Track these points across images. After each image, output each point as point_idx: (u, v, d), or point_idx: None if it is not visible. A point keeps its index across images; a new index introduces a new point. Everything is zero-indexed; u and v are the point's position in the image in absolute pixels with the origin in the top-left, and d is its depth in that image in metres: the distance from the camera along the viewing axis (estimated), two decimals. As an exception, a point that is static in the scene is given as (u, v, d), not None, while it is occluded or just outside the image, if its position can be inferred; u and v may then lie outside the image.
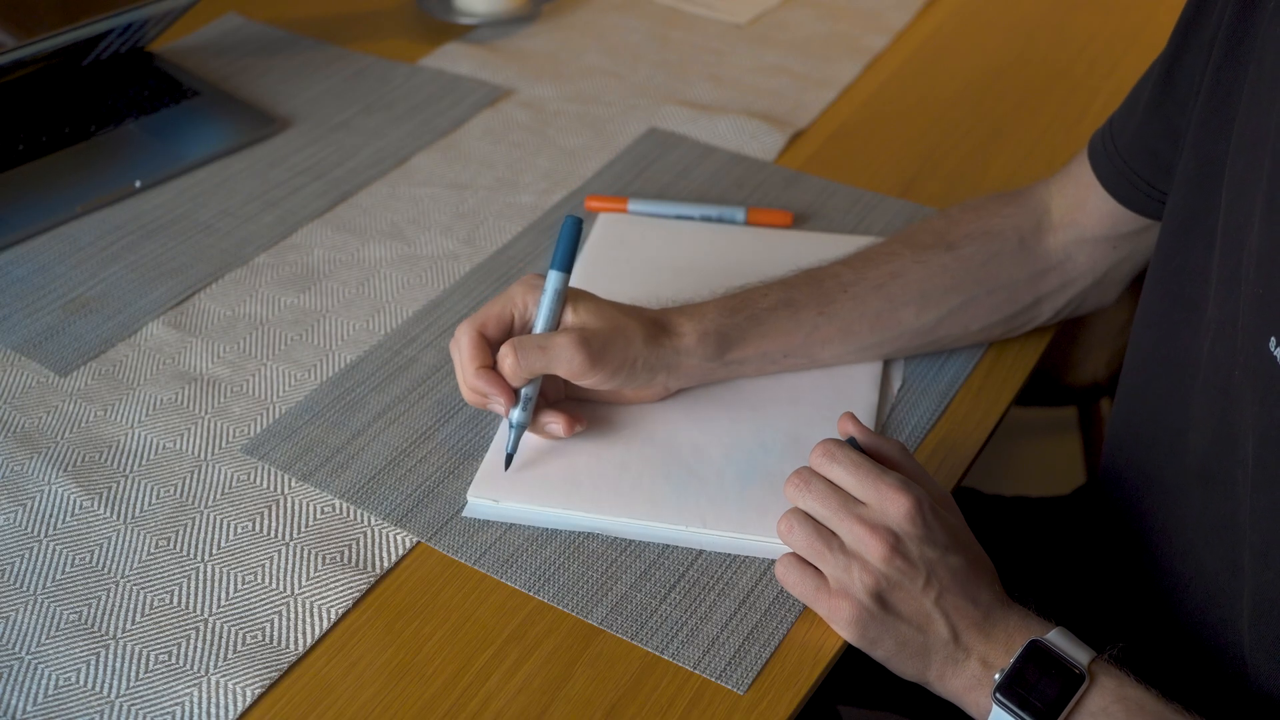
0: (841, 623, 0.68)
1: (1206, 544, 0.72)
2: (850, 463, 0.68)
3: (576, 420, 0.80)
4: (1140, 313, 0.79)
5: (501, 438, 0.81)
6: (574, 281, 0.95)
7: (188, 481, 0.80)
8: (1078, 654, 0.64)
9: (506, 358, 0.75)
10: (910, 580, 0.66)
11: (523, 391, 0.77)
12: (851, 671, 0.82)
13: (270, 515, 0.78)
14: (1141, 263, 0.87)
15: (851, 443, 0.71)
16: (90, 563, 0.75)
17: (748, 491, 0.77)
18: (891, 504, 0.66)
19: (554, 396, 0.82)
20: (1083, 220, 0.85)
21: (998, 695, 0.64)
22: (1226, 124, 0.70)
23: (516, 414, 0.77)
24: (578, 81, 1.23)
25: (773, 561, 0.74)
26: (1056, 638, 0.65)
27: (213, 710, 0.67)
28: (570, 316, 0.77)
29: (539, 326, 0.77)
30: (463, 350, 0.77)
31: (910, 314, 0.84)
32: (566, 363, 0.75)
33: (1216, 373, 0.69)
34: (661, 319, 0.80)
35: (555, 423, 0.79)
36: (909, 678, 0.68)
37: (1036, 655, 0.64)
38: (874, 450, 0.71)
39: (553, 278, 0.77)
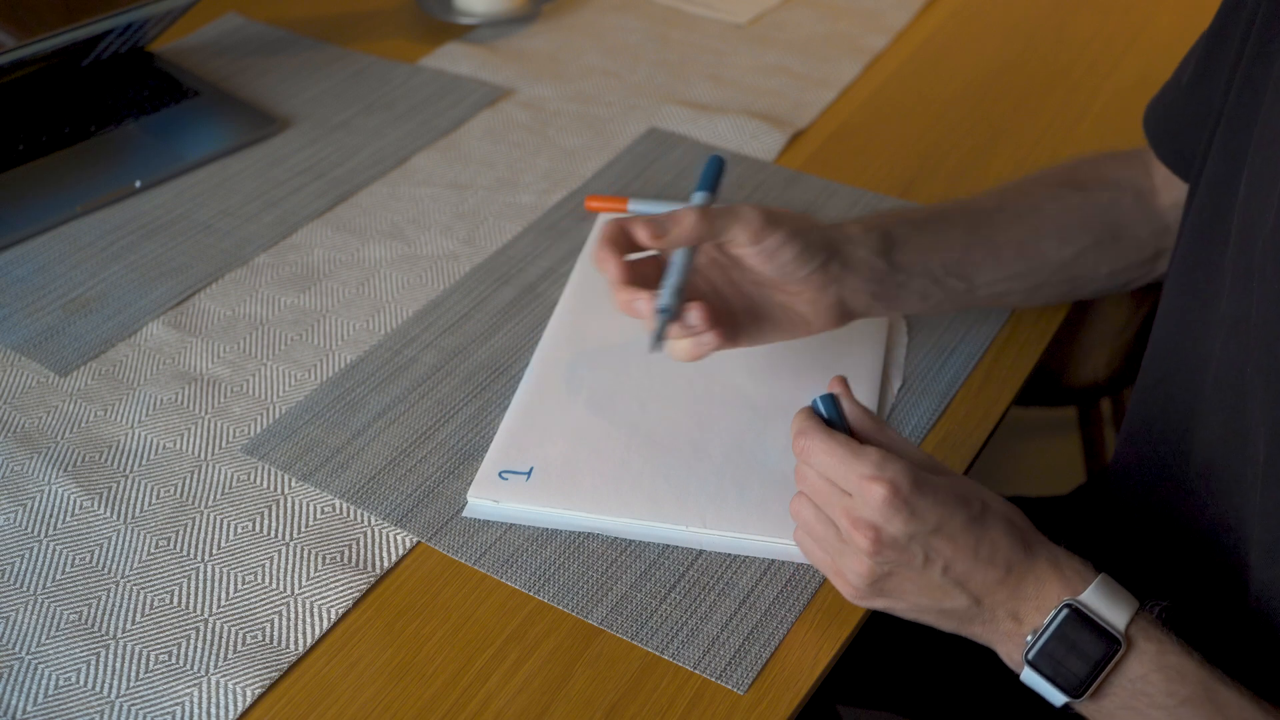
0: (850, 600, 0.68)
1: (1213, 542, 0.72)
2: (823, 452, 0.66)
3: (719, 323, 0.74)
4: (1160, 307, 0.79)
5: (501, 440, 0.81)
6: (571, 282, 0.96)
7: (188, 481, 0.80)
8: (1116, 615, 0.62)
9: (688, 215, 0.72)
10: (906, 565, 0.65)
11: (671, 278, 0.74)
12: (851, 671, 0.82)
13: (270, 515, 0.78)
14: None
15: (828, 402, 0.68)
16: (90, 563, 0.75)
17: (748, 491, 0.78)
18: (868, 494, 0.64)
19: (724, 334, 0.77)
20: (1177, 189, 0.85)
21: (1029, 660, 0.63)
22: (1250, 120, 0.70)
23: (665, 296, 0.73)
24: (578, 81, 1.23)
25: (773, 561, 0.74)
26: (1094, 596, 0.63)
27: (213, 710, 0.67)
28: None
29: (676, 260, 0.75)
30: (602, 234, 0.74)
31: (1051, 246, 0.84)
32: (746, 217, 0.73)
33: (1228, 369, 0.69)
34: (829, 223, 0.80)
35: (696, 311, 0.73)
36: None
37: (1070, 620, 0.62)
38: (853, 421, 0.69)
39: (697, 197, 0.77)
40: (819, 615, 0.72)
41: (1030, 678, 0.64)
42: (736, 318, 0.78)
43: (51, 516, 0.78)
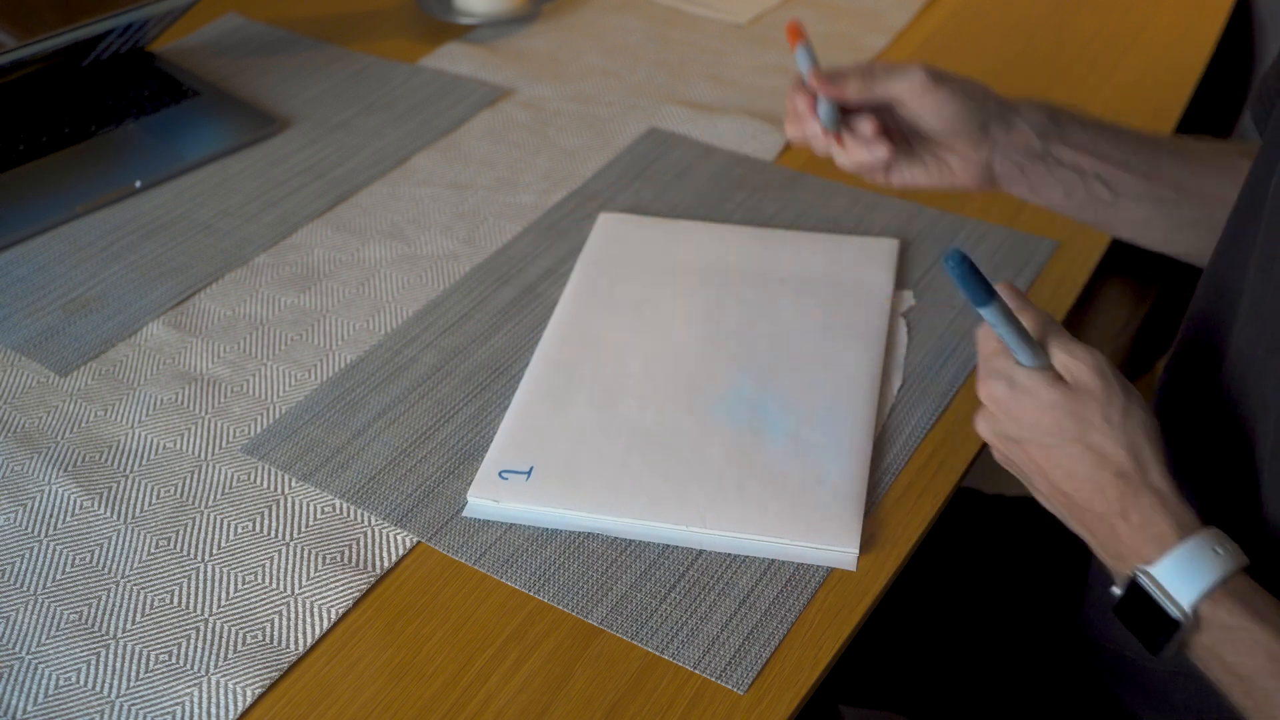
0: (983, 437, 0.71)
1: (1226, 523, 0.71)
2: (992, 352, 0.69)
3: (883, 140, 0.80)
4: (1191, 305, 0.79)
5: (501, 440, 0.81)
6: (571, 282, 0.96)
7: (188, 481, 0.80)
8: (1190, 588, 0.61)
9: (852, 75, 0.79)
10: (1013, 459, 0.68)
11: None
12: (851, 671, 0.82)
13: (270, 515, 0.78)
14: None
15: (960, 260, 0.65)
16: (90, 563, 0.75)
17: (748, 491, 0.78)
18: (1081, 356, 0.67)
19: (879, 165, 0.82)
20: None
21: (1114, 609, 0.64)
22: None
23: (823, 107, 0.80)
24: (578, 81, 1.23)
25: (773, 561, 0.74)
26: (1169, 566, 0.62)
27: (213, 710, 0.67)
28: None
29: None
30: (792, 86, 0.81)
31: (1211, 185, 0.83)
32: (912, 77, 0.78)
33: (1242, 356, 0.69)
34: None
35: (868, 122, 0.80)
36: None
37: (1136, 591, 0.63)
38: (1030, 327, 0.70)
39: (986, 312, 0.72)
40: (819, 615, 0.72)
41: (1121, 614, 0.65)
42: (895, 142, 0.82)
43: (52, 516, 0.78)
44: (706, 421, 0.82)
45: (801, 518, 0.76)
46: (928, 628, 0.95)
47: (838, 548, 0.74)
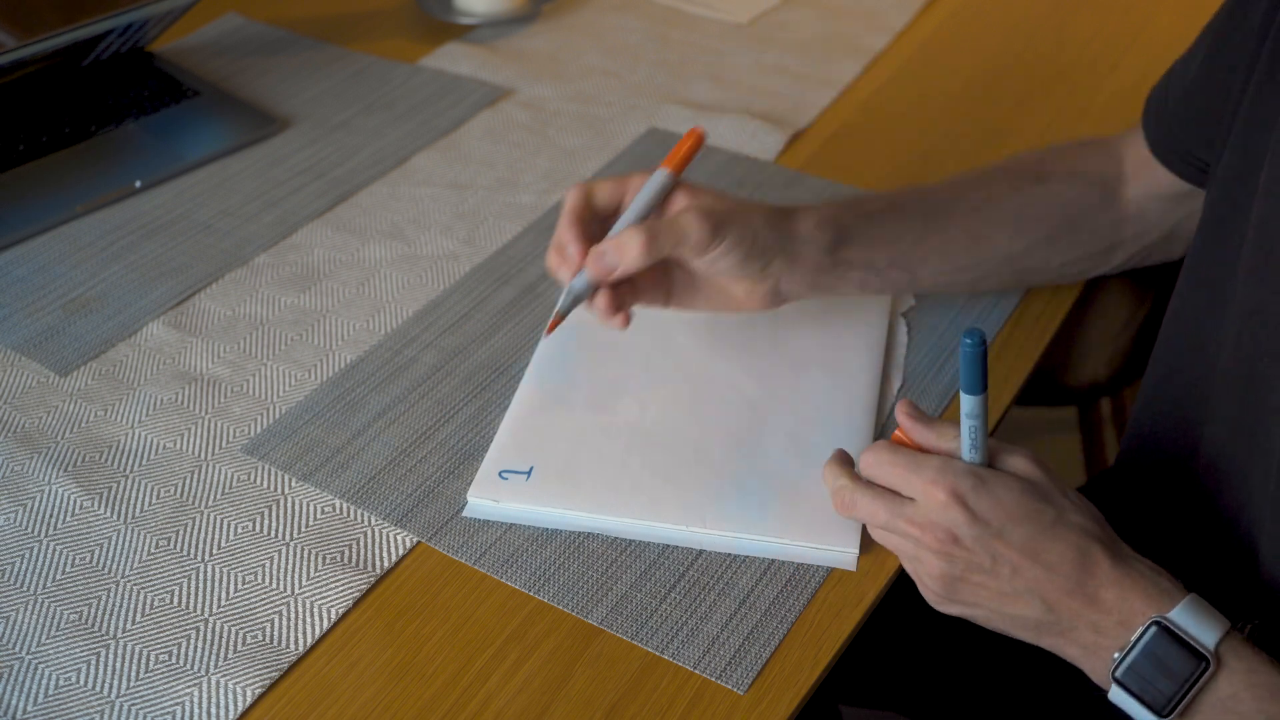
0: (933, 605, 0.69)
1: (1221, 534, 0.72)
2: (888, 464, 0.67)
3: (621, 312, 0.77)
4: (1172, 302, 0.79)
5: (501, 440, 0.81)
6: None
7: (188, 481, 0.80)
8: (1206, 634, 0.61)
9: (636, 238, 0.73)
10: (975, 568, 0.65)
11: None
12: (851, 671, 0.82)
13: (270, 515, 0.78)
14: None
15: (979, 343, 0.63)
16: (90, 563, 0.75)
17: (748, 491, 0.77)
18: (930, 498, 0.65)
19: (657, 301, 0.80)
20: (1151, 177, 0.86)
21: (1116, 678, 0.62)
22: (1271, 116, 0.69)
23: (580, 280, 0.75)
24: (578, 81, 1.23)
25: (773, 561, 0.74)
26: (1183, 613, 0.62)
27: (213, 710, 0.67)
28: (688, 200, 0.77)
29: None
30: (566, 203, 0.76)
31: (1004, 238, 0.85)
32: (696, 234, 0.74)
33: (1240, 361, 0.69)
34: (780, 207, 0.80)
35: (602, 301, 0.76)
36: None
37: (1158, 638, 0.61)
38: (917, 436, 0.69)
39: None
40: (819, 615, 0.72)
41: (1118, 695, 0.63)
42: (671, 281, 0.80)
43: (51, 516, 0.78)
44: (706, 421, 0.82)
45: (801, 518, 0.76)
46: (928, 628, 0.95)
47: (838, 548, 0.74)
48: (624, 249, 0.73)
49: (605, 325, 0.77)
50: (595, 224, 0.77)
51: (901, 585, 0.73)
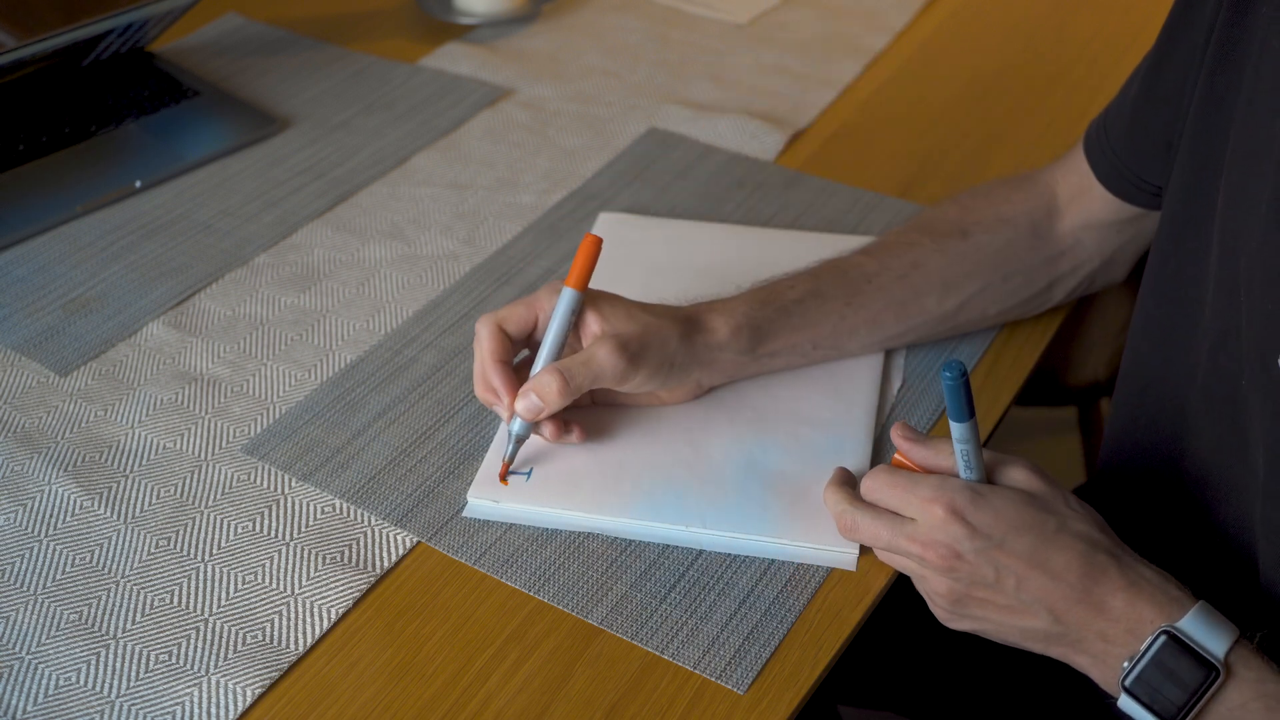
0: (943, 623, 0.69)
1: (1222, 543, 0.71)
2: (886, 486, 0.68)
3: (571, 429, 0.79)
4: (1137, 316, 0.79)
5: (502, 438, 0.81)
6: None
7: (188, 481, 0.80)
8: (1216, 643, 0.61)
9: (552, 383, 0.74)
10: (980, 583, 0.65)
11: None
12: (851, 671, 0.82)
13: (270, 515, 0.78)
14: (1147, 242, 0.87)
15: (959, 375, 0.64)
16: (90, 563, 0.75)
17: (747, 491, 0.78)
18: (929, 515, 0.65)
19: (582, 403, 0.82)
20: (1088, 206, 0.86)
21: (1126, 686, 0.62)
22: (1223, 129, 0.69)
23: (517, 424, 0.77)
24: (578, 81, 1.23)
25: (773, 561, 0.74)
26: (1193, 622, 0.62)
27: (213, 710, 0.67)
28: (601, 324, 0.76)
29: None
30: (483, 344, 0.77)
31: (932, 301, 0.85)
32: (611, 370, 0.75)
33: (1220, 382, 0.69)
34: (693, 315, 0.79)
35: (548, 431, 0.78)
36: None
37: (1168, 647, 0.61)
38: (916, 458, 0.70)
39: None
40: (819, 615, 0.72)
41: (1127, 704, 0.63)
42: (602, 392, 0.82)
43: (51, 516, 0.78)
44: (706, 422, 0.82)
45: (801, 518, 0.76)
46: (928, 628, 0.95)
47: (838, 548, 0.74)
48: (544, 393, 0.75)
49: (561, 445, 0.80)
50: (515, 351, 0.78)
51: (901, 586, 0.73)
